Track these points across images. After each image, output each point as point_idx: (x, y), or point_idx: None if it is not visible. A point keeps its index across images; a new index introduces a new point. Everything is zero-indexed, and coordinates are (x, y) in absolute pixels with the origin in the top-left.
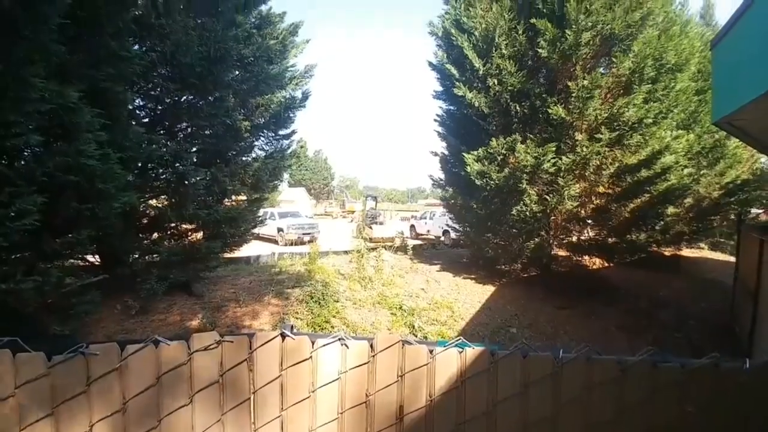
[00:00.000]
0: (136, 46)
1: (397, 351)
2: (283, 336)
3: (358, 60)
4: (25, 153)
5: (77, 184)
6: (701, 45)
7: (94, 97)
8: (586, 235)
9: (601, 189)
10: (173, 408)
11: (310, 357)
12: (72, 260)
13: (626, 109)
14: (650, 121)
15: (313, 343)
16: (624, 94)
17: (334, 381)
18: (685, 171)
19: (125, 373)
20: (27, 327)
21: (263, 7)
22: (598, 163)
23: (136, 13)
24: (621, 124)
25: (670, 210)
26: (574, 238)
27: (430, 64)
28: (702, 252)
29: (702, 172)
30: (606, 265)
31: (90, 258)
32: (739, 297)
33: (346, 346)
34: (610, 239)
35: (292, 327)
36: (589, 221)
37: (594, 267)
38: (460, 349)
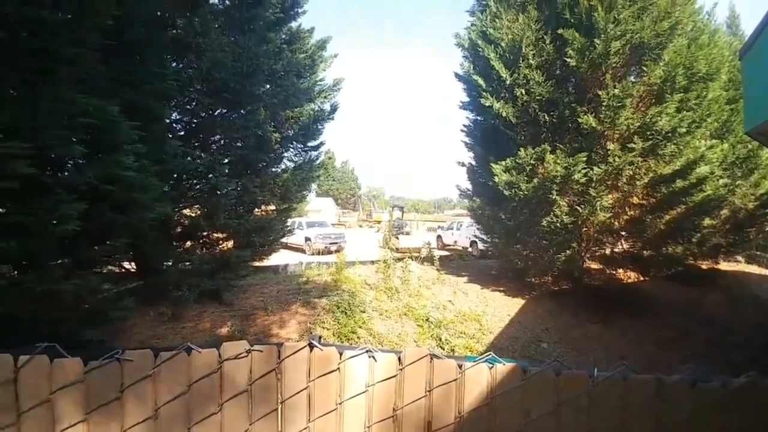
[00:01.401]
0: (174, 63)
1: (425, 365)
2: (311, 346)
3: (385, 70)
4: (68, 164)
5: (115, 194)
6: (730, 54)
7: (133, 112)
8: (620, 247)
9: (635, 200)
10: (204, 415)
11: (338, 368)
12: (109, 267)
13: (659, 118)
14: (684, 130)
15: (340, 355)
16: (656, 103)
17: (361, 393)
18: (721, 181)
19: (158, 380)
20: (62, 332)
21: (293, 24)
22: (631, 173)
23: (175, 32)
24: (654, 134)
25: (707, 222)
26: (608, 251)
27: (457, 75)
28: (739, 265)
29: (737, 183)
30: (641, 278)
31: (126, 265)
32: None
33: (374, 358)
34: (645, 252)
35: (319, 338)
36: (623, 233)
37: (629, 280)
38: (490, 365)
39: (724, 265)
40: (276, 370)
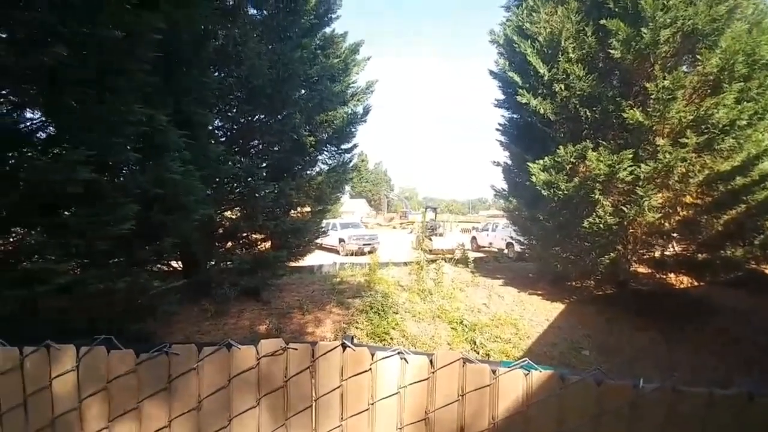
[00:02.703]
0: (216, 73)
1: (457, 369)
2: (344, 346)
3: (418, 70)
4: (123, 170)
5: (164, 197)
6: None
7: (179, 120)
8: (672, 250)
9: (688, 199)
10: (242, 409)
11: (370, 369)
12: (158, 266)
13: (715, 111)
14: (744, 122)
15: (372, 355)
16: (712, 94)
17: (393, 395)
18: None
19: (201, 373)
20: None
21: (327, 29)
22: (683, 170)
23: (217, 43)
24: (710, 127)
25: None
26: (657, 254)
27: (491, 72)
28: None
29: None
30: (695, 284)
31: (173, 264)
32: None
33: (406, 360)
34: (699, 255)
35: (352, 338)
36: (675, 235)
37: (681, 286)
38: (526, 371)
39: None
40: (310, 368)
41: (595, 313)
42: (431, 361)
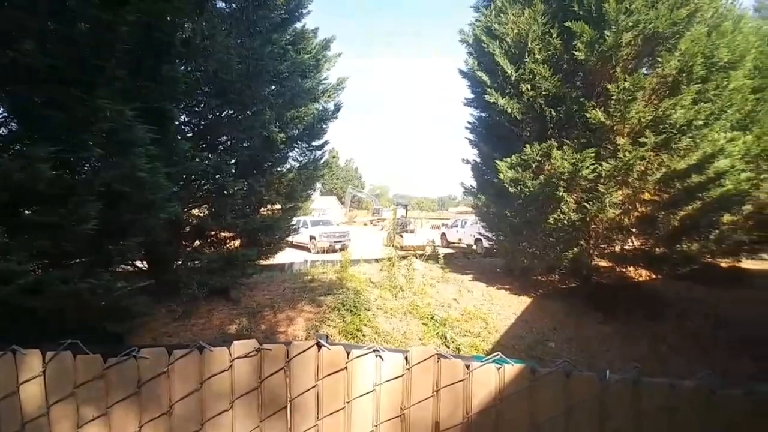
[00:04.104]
0: (183, 67)
1: (432, 365)
2: (319, 346)
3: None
4: (86, 166)
5: (130, 194)
6: (757, 40)
7: (145, 115)
8: (631, 244)
9: (646, 196)
10: (215, 412)
11: (345, 368)
12: (123, 266)
13: (673, 111)
14: (701, 122)
15: (348, 354)
16: (670, 95)
17: (368, 393)
18: (743, 175)
19: (172, 377)
20: (82, 329)
21: (297, 24)
22: (642, 168)
23: (184, 36)
24: (668, 127)
25: (726, 218)
26: (617, 248)
27: (461, 71)
28: (765, 263)
29: (763, 177)
30: (654, 277)
31: (138, 264)
32: None
33: (381, 357)
34: (657, 249)
35: (327, 337)
36: (634, 230)
37: (640, 279)
38: (499, 365)
39: (748, 264)
40: (285, 368)
41: (560, 306)
42: (406, 358)
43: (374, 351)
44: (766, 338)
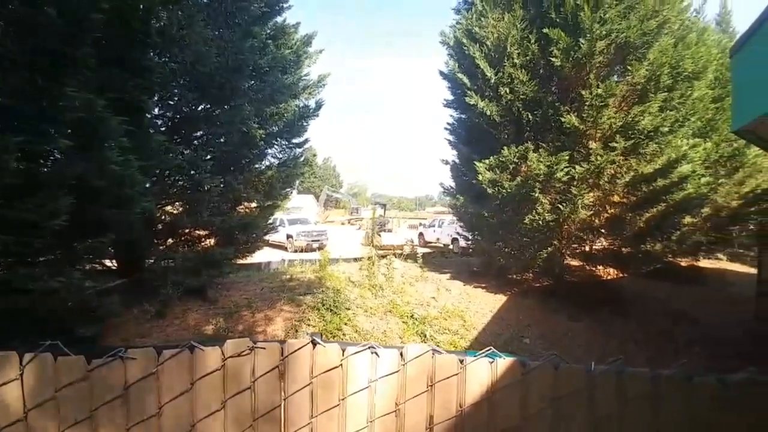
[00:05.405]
0: (157, 58)
1: (427, 360)
2: (314, 343)
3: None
4: (54, 158)
5: (102, 189)
6: (718, 52)
7: (118, 106)
8: (600, 244)
9: (615, 198)
10: (206, 413)
11: (341, 365)
12: (92, 264)
13: (641, 118)
14: (666, 129)
15: (343, 351)
16: (639, 102)
17: (363, 389)
18: (703, 180)
19: (161, 378)
20: (53, 329)
21: (278, 19)
22: (612, 172)
23: (159, 25)
24: (636, 133)
25: (687, 220)
26: (587, 248)
27: (442, 73)
28: (720, 263)
29: (720, 181)
30: (620, 275)
31: (107, 263)
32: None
33: (377, 354)
34: (624, 249)
35: (321, 335)
36: (603, 231)
37: (608, 277)
38: (491, 360)
39: (705, 263)
40: (279, 367)
41: (535, 303)
42: (401, 354)
43: (370, 348)
44: (722, 337)
